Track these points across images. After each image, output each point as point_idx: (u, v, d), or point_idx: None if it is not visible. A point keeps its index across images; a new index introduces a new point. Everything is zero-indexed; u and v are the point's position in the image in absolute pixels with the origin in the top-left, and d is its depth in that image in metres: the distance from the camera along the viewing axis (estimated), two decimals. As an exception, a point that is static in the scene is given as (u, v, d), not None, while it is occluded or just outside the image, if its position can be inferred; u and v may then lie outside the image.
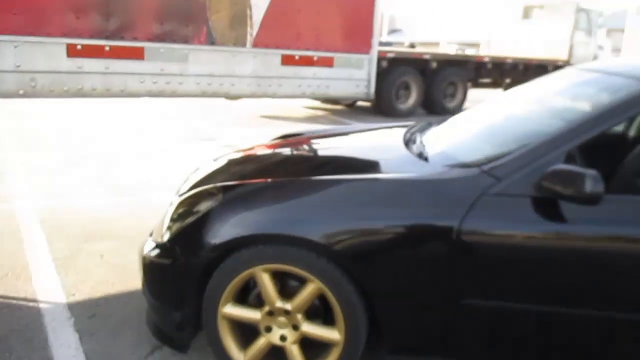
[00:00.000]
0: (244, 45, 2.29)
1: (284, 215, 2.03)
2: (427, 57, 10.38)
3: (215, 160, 2.89)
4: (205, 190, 2.25)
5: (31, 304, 2.76)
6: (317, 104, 11.62)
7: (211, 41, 2.22)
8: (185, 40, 2.15)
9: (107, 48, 2.02)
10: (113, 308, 2.78)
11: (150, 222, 3.97)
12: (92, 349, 2.40)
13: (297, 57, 2.44)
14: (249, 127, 8.38)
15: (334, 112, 10.88)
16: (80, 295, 2.88)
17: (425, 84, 10.55)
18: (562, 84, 2.50)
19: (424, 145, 2.49)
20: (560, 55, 12.36)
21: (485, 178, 1.94)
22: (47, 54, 1.96)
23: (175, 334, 2.23)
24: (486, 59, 11.31)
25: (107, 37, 1.99)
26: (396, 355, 2.06)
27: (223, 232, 2.05)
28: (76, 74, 1.99)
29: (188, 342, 2.22)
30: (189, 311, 2.18)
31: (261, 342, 2.12)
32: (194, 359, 2.36)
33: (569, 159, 1.89)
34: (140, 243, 2.44)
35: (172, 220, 2.26)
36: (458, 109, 10.85)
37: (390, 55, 9.89)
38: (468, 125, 2.64)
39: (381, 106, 10.21)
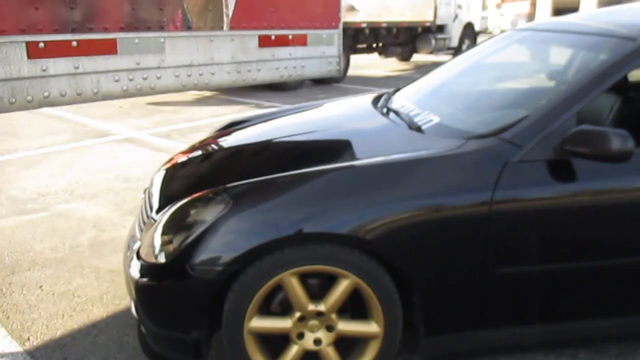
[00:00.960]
0: (221, 28, 2.02)
1: (306, 212, 1.86)
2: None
3: (167, 164, 2.59)
4: (204, 195, 1.99)
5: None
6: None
7: (187, 26, 1.92)
8: (161, 27, 1.83)
9: (74, 43, 1.63)
10: (84, 345, 2.41)
11: (80, 238, 3.53)
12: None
13: (273, 38, 2.21)
14: (140, 118, 7.75)
15: (220, 92, 10.46)
16: (36, 339, 2.46)
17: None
18: (533, 46, 2.58)
19: (410, 117, 2.43)
20: (427, 16, 12.98)
21: (506, 147, 1.93)
22: (2, 56, 1.53)
23: (192, 361, 1.98)
24: (364, 25, 11.52)
25: (73, 30, 1.62)
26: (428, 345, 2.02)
27: (241, 240, 1.84)
28: (40, 78, 1.59)
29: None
30: (204, 334, 1.94)
31: (293, 351, 1.95)
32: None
33: (580, 119, 1.95)
34: (125, 266, 2.12)
35: (167, 235, 1.98)
36: (343, 73, 11.01)
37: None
38: (447, 91, 2.63)
39: (270, 81, 9.99)
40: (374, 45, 12.96)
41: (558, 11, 14.81)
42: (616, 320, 2.07)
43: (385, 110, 2.61)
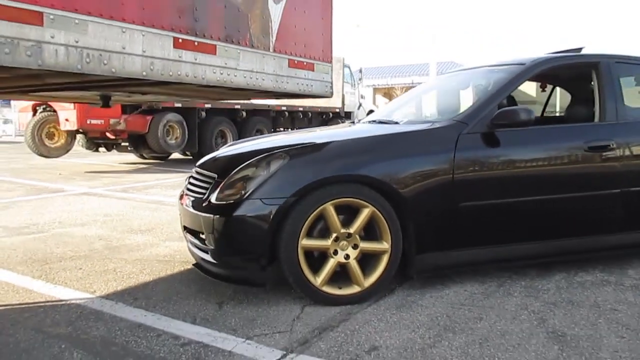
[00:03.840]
0: (268, 49, 2.97)
1: (340, 162, 2.79)
2: (237, 106, 11.44)
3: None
4: (266, 155, 2.83)
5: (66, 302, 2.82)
6: (134, 159, 11.60)
7: (251, 44, 2.86)
8: (238, 42, 2.74)
9: (195, 43, 2.50)
10: (145, 292, 2.99)
11: (93, 245, 4.03)
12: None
13: (296, 62, 3.20)
14: (87, 181, 8.15)
15: (156, 164, 11.05)
16: (102, 292, 3.01)
17: (238, 132, 11.57)
18: (461, 77, 3.82)
19: (387, 120, 3.50)
20: (336, 104, 14.75)
21: (459, 125, 3.02)
22: (160, 43, 2.34)
23: (259, 274, 2.72)
24: (284, 108, 12.92)
25: (196, 35, 2.49)
26: (418, 261, 2.91)
27: (298, 181, 2.69)
28: (178, 62, 2.41)
29: (268, 278, 2.73)
30: (268, 258, 2.70)
31: (330, 264, 2.76)
32: (267, 293, 2.83)
33: (500, 107, 3.11)
34: (192, 211, 2.84)
35: (241, 182, 2.75)
36: (267, 152, 12.06)
37: (207, 105, 10.67)
38: (408, 104, 3.76)
39: (203, 155, 10.75)
40: (291, 128, 14.36)
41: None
42: (539, 244, 3.12)
43: (367, 121, 3.66)
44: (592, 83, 3.36)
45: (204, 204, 2.86)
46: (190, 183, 3.24)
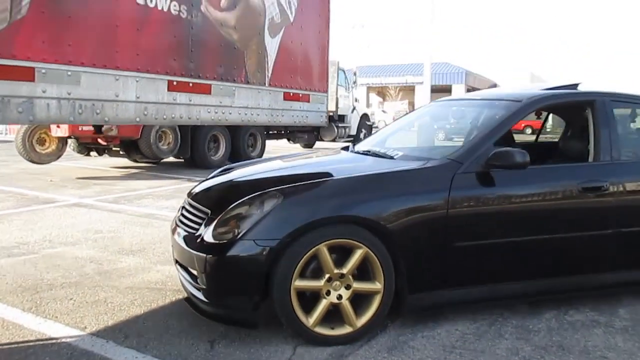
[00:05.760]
0: (264, 84, 2.96)
1: (335, 203, 2.78)
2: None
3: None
4: (260, 194, 2.81)
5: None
6: (126, 162, 11.54)
7: (247, 80, 2.84)
8: (234, 80, 2.72)
9: (190, 84, 2.48)
10: (137, 327, 2.97)
11: (84, 269, 4.00)
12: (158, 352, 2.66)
13: (291, 94, 3.19)
14: (78, 189, 8.07)
15: (147, 168, 10.98)
16: (93, 327, 2.98)
17: (231, 137, 11.52)
18: (456, 108, 3.82)
19: (381, 152, 3.48)
20: (330, 107, 14.73)
21: (454, 163, 3.02)
22: (155, 87, 2.32)
23: (251, 315, 2.71)
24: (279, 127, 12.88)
25: (190, 76, 2.47)
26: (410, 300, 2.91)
27: (292, 222, 2.68)
28: (172, 104, 2.39)
29: (260, 318, 2.72)
30: (260, 297, 2.69)
31: (323, 304, 2.76)
32: (259, 332, 2.82)
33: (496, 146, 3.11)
34: (185, 251, 2.82)
35: (234, 221, 2.74)
36: (260, 156, 12.05)
37: (200, 111, 10.61)
38: (400, 135, 3.75)
39: (195, 160, 10.76)
40: (284, 132, 14.33)
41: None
42: (531, 283, 3.13)
43: (360, 151, 3.65)
44: (588, 120, 3.36)
45: (197, 241, 2.85)
46: (183, 215, 3.22)
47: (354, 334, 2.79)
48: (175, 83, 2.37)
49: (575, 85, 3.65)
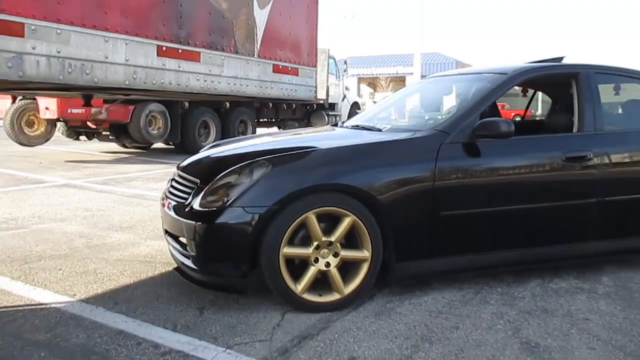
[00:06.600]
0: (253, 55, 2.97)
1: (322, 172, 2.80)
2: (221, 97, 11.36)
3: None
4: (249, 163, 2.83)
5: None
6: (115, 147, 11.49)
7: (236, 50, 2.85)
8: (223, 49, 2.73)
9: (180, 51, 2.48)
10: (126, 295, 3.00)
11: (73, 243, 4.01)
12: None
13: (281, 67, 3.20)
14: (68, 171, 8.05)
15: (137, 154, 10.94)
16: (82, 295, 3.00)
17: (222, 122, 11.50)
18: (445, 83, 3.86)
19: (369, 126, 3.52)
20: (321, 95, 14.70)
21: (440, 134, 3.05)
22: (144, 51, 2.32)
23: (240, 281, 2.74)
24: (268, 99, 12.86)
25: (180, 42, 2.47)
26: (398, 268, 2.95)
27: (280, 190, 2.71)
28: (162, 70, 2.40)
29: (249, 285, 2.76)
30: (248, 259, 2.72)
31: (311, 271, 2.79)
32: (248, 299, 2.85)
33: (481, 117, 3.15)
34: (175, 217, 2.84)
35: (223, 189, 2.76)
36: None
37: (190, 96, 10.58)
38: (386, 109, 3.78)
39: (185, 145, 10.73)
40: (275, 119, 14.32)
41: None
42: (517, 252, 3.18)
43: (349, 126, 3.67)
44: (572, 93, 3.41)
45: (186, 210, 2.86)
46: (172, 186, 3.23)
47: (341, 301, 2.83)
48: (164, 48, 2.38)
49: (559, 59, 3.70)
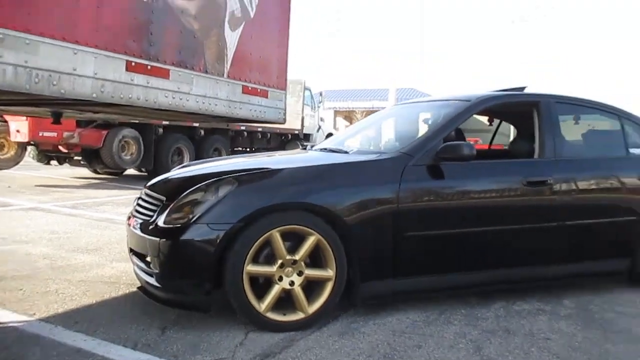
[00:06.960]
0: (223, 75, 3.01)
1: (288, 190, 2.84)
2: (195, 124, 11.37)
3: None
4: (215, 180, 2.85)
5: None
6: (87, 173, 11.34)
7: (206, 70, 2.90)
8: (192, 68, 2.77)
9: (149, 67, 2.52)
10: (88, 315, 2.94)
11: (37, 264, 3.91)
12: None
13: (250, 88, 3.25)
14: (36, 195, 7.91)
15: (109, 180, 10.82)
16: (42, 314, 2.94)
17: (196, 150, 11.48)
18: (412, 109, 3.96)
19: (337, 149, 3.58)
20: (296, 125, 14.85)
21: (405, 156, 3.12)
22: (113, 67, 2.34)
23: (204, 299, 2.71)
24: (242, 128, 12.92)
25: (149, 59, 2.50)
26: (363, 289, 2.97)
27: (245, 207, 2.72)
28: (129, 85, 2.42)
29: (213, 303, 2.73)
30: (212, 277, 2.71)
31: (275, 290, 2.79)
32: (210, 317, 2.82)
33: (445, 141, 3.23)
34: (138, 235, 2.83)
35: (188, 207, 2.76)
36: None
37: (165, 122, 10.56)
38: (355, 133, 3.86)
39: (158, 172, 10.60)
40: (249, 148, 14.37)
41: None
42: (480, 273, 3.23)
43: (319, 149, 3.73)
44: (533, 121, 3.54)
45: (150, 227, 2.85)
46: (138, 204, 3.22)
47: (305, 320, 2.83)
48: (133, 64, 2.41)
49: (521, 89, 3.85)
